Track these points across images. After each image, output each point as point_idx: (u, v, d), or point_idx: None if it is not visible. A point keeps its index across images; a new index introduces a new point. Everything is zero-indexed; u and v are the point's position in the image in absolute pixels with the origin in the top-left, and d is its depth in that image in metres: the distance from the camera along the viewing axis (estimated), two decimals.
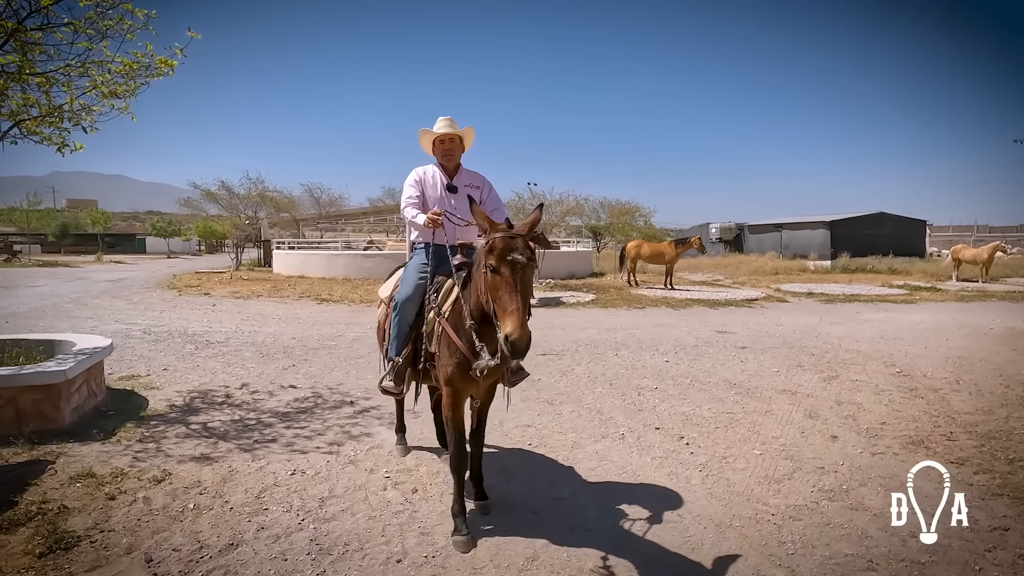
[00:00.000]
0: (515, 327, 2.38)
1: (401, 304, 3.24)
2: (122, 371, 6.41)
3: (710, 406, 5.39)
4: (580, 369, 6.89)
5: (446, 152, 3.47)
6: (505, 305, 2.44)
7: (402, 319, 3.24)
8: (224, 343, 8.23)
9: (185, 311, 11.81)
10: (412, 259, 3.46)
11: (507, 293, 2.46)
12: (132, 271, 24.62)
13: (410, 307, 3.24)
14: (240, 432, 4.50)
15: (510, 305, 2.43)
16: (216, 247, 55.72)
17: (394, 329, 3.28)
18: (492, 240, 2.57)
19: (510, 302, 2.44)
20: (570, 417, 5.07)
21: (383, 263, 19.59)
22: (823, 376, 6.55)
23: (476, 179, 3.55)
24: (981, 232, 46.66)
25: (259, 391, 5.75)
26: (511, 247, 2.53)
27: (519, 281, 2.49)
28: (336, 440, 4.37)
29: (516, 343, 2.36)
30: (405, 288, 3.28)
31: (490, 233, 2.62)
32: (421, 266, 3.34)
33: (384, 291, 3.74)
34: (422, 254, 3.41)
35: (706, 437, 4.54)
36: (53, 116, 4.82)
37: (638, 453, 4.21)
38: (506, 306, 2.44)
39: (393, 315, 3.30)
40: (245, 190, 23.17)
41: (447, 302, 3.06)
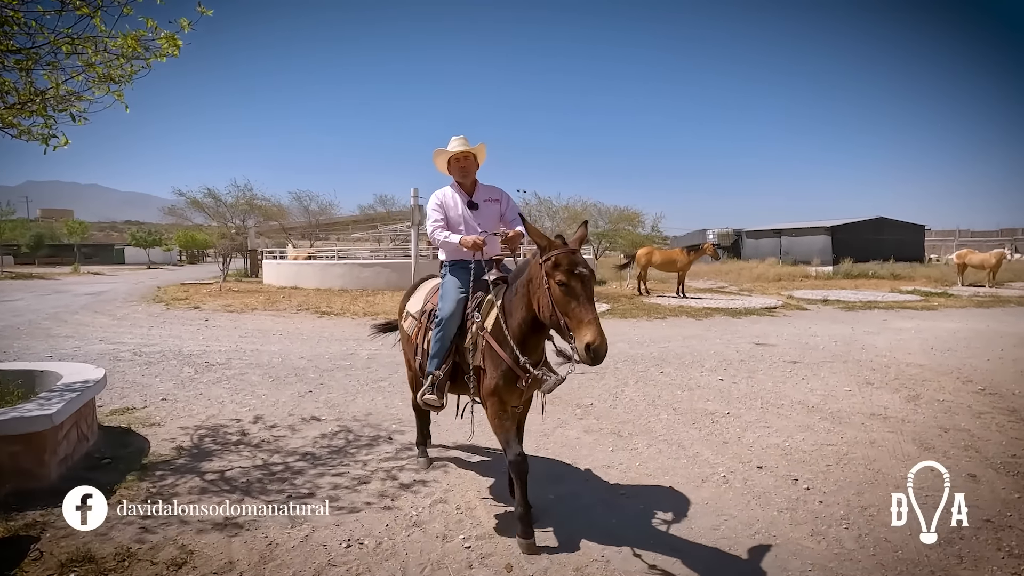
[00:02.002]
0: (596, 335, 2.50)
1: (446, 321, 3.27)
2: (114, 402, 5.54)
3: (802, 436, 4.71)
4: (631, 391, 6.19)
5: (462, 170, 3.55)
6: (581, 316, 2.57)
7: (445, 335, 3.27)
8: (226, 365, 7.37)
9: (176, 327, 10.87)
10: (448, 277, 3.47)
11: (580, 305, 2.60)
12: (112, 283, 23.43)
13: (453, 324, 3.28)
14: (267, 482, 3.70)
15: (587, 315, 2.57)
16: (198, 257, 54.19)
17: (436, 345, 3.30)
18: (556, 256, 2.68)
19: (586, 312, 2.58)
20: (650, 454, 4.35)
21: (382, 273, 18.76)
22: (903, 396, 5.92)
23: (495, 192, 3.64)
24: (963, 236, 47.16)
25: (278, 425, 4.94)
26: (576, 261, 2.67)
27: (588, 292, 2.64)
28: (386, 491, 3.60)
29: (599, 350, 2.50)
30: (447, 305, 3.30)
31: (550, 249, 2.73)
32: (459, 283, 3.37)
33: (414, 306, 3.78)
34: (458, 271, 3.45)
35: (823, 478, 3.85)
36: (35, 103, 4.01)
37: (757, 504, 3.50)
38: (582, 316, 2.57)
39: (436, 332, 3.31)
40: (233, 198, 22.18)
41: (489, 317, 3.11)
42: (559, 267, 2.66)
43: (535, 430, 4.89)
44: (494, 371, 3.00)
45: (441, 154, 3.57)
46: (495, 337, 3.02)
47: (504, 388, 2.99)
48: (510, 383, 2.97)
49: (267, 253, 23.57)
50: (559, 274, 2.64)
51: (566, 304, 2.61)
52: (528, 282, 2.86)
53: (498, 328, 3.01)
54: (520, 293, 2.91)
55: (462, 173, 3.55)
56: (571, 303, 2.60)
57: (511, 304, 2.97)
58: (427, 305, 3.60)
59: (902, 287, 19.28)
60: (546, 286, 2.68)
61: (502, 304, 3.02)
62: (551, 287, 2.66)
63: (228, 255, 21.72)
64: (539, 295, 2.75)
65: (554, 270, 2.67)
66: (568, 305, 2.61)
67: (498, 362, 2.99)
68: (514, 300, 2.95)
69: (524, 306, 2.88)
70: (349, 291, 17.36)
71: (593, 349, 2.49)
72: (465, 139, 3.56)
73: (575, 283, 2.63)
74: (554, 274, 2.66)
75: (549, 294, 2.67)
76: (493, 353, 3.01)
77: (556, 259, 2.68)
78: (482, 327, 3.09)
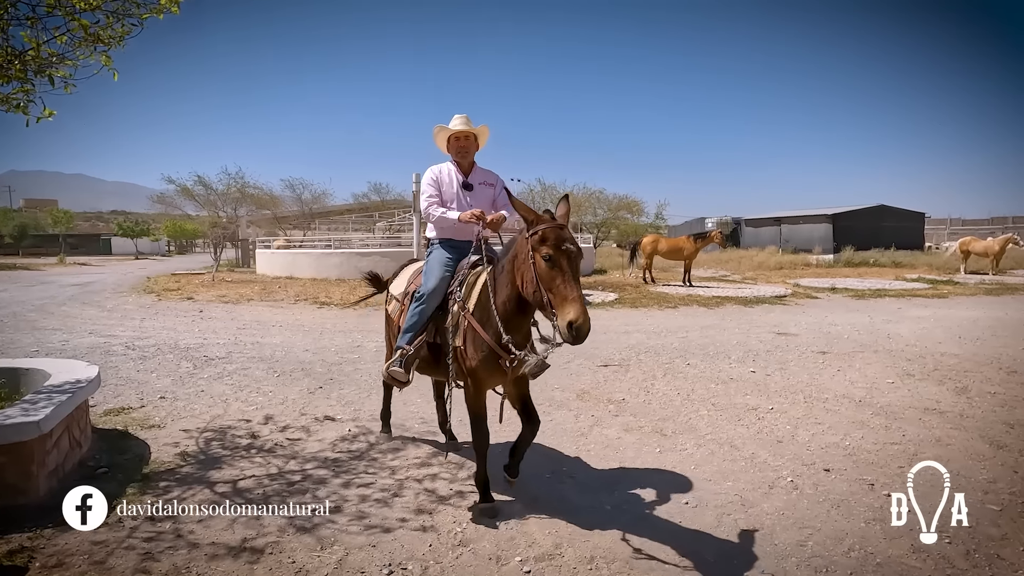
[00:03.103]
0: (579, 313, 2.42)
1: (428, 296, 3.20)
2: (107, 401, 5.09)
3: (860, 434, 4.37)
4: (661, 385, 5.83)
5: (461, 149, 3.47)
6: (565, 293, 2.48)
7: (425, 310, 3.22)
8: (226, 359, 6.92)
9: (170, 319, 10.37)
10: (433, 254, 3.40)
11: (565, 281, 2.51)
12: (100, 274, 22.72)
13: (434, 300, 3.22)
14: (286, 495, 3.29)
15: (571, 292, 2.48)
16: (187, 247, 53.16)
17: (411, 320, 3.24)
18: (543, 230, 2.60)
19: (570, 290, 2.48)
20: (702, 455, 3.99)
21: (380, 262, 18.25)
22: (950, 388, 5.60)
23: (490, 176, 3.57)
24: (955, 225, 47.25)
25: (290, 426, 4.52)
26: (563, 236, 2.59)
27: (574, 269, 2.55)
28: (423, 506, 3.20)
29: (581, 328, 2.41)
30: (430, 281, 3.25)
31: (537, 223, 2.65)
32: (445, 260, 3.33)
33: (397, 288, 3.75)
34: (444, 249, 3.40)
35: (901, 483, 3.49)
36: (12, 67, 3.52)
37: (839, 513, 3.14)
38: (566, 294, 2.48)
39: (414, 306, 3.25)
40: (224, 186, 21.52)
41: (471, 296, 3.05)
42: (546, 241, 2.59)
43: (570, 429, 4.53)
44: (475, 352, 2.96)
45: (442, 131, 3.49)
46: (477, 317, 2.97)
47: (484, 369, 2.96)
48: (491, 364, 2.93)
49: (260, 242, 22.97)
50: (545, 248, 2.57)
51: (550, 280, 2.54)
52: (514, 258, 2.79)
53: (480, 308, 2.97)
54: (507, 270, 2.84)
55: (461, 153, 3.47)
56: (556, 279, 2.53)
57: (497, 282, 2.91)
58: (410, 287, 3.53)
59: (906, 275, 19.10)
60: (531, 261, 2.61)
61: (488, 282, 2.96)
62: (536, 262, 2.59)
63: (220, 244, 21.10)
64: (524, 270, 2.68)
65: (540, 244, 2.59)
66: (552, 281, 2.53)
67: (479, 343, 2.94)
68: (500, 277, 2.89)
69: (509, 283, 2.82)
70: (347, 280, 16.86)
71: (576, 327, 2.41)
72: (467, 118, 3.48)
73: (561, 258, 2.55)
74: (540, 248, 2.59)
75: (534, 269, 2.59)
76: (474, 334, 2.96)
77: (543, 233, 2.61)
78: (463, 307, 3.03)
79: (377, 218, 27.61)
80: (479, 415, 3.11)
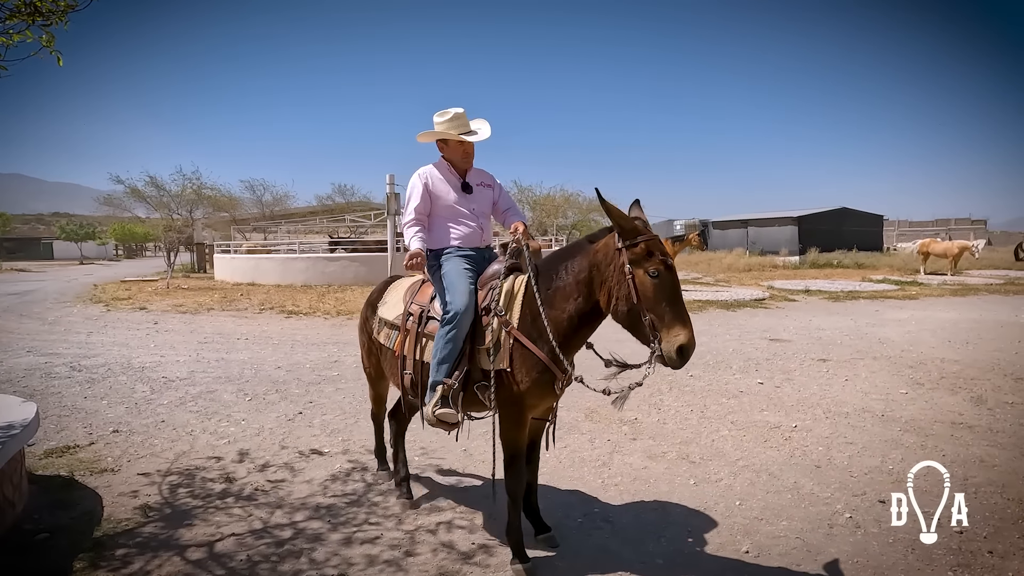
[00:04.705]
0: (689, 336, 2.28)
1: (460, 316, 2.67)
2: (48, 438, 4.37)
3: (898, 455, 4.07)
4: (670, 400, 5.47)
5: (466, 154, 3.01)
6: (677, 313, 2.30)
7: (458, 334, 2.68)
8: (188, 380, 6.20)
9: (121, 332, 9.46)
10: (450, 264, 2.87)
11: (674, 301, 2.32)
12: (41, 281, 21.10)
13: (468, 319, 2.71)
14: (275, 560, 2.73)
15: (682, 314, 2.31)
16: (136, 251, 50.50)
17: (446, 348, 2.68)
18: (647, 242, 2.36)
19: (680, 311, 2.31)
20: (742, 487, 3.60)
21: (349, 267, 17.48)
22: (965, 398, 5.42)
23: (486, 176, 3.16)
24: (903, 227, 49.29)
25: (270, 464, 3.93)
26: (664, 251, 2.37)
27: (679, 288, 2.38)
28: (444, 568, 2.69)
29: (688, 350, 2.28)
30: (459, 298, 2.70)
31: (635, 234, 2.38)
32: (466, 272, 2.82)
33: (391, 311, 3.20)
34: (459, 259, 2.89)
35: (966, 515, 3.19)
36: None
37: (916, 559, 2.78)
38: (679, 314, 2.30)
39: (446, 331, 2.68)
40: (179, 187, 20.22)
41: (513, 309, 2.65)
42: (652, 256, 2.33)
43: (589, 457, 4.10)
44: (527, 373, 2.58)
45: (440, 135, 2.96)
46: (525, 333, 2.60)
47: (537, 392, 2.62)
48: (545, 386, 2.60)
49: (218, 246, 21.75)
50: (652, 264, 2.32)
51: (656, 299, 2.30)
52: (593, 268, 2.49)
53: (527, 322, 2.62)
54: (576, 280, 2.53)
55: (464, 157, 3.01)
56: (663, 299, 2.30)
57: (557, 293, 2.57)
58: (412, 307, 3.04)
59: (871, 276, 19.56)
60: (630, 276, 2.34)
61: (540, 293, 2.60)
62: (639, 278, 2.33)
63: (174, 249, 19.83)
64: (614, 285, 2.40)
65: (646, 258, 2.33)
66: (658, 301, 2.30)
67: (532, 362, 2.58)
68: (562, 288, 2.56)
69: (582, 296, 2.51)
70: (314, 287, 16.05)
71: (687, 352, 2.27)
72: (464, 115, 2.99)
73: (668, 276, 2.33)
74: (644, 263, 2.33)
75: (634, 286, 2.32)
76: (524, 352, 2.58)
77: (647, 246, 2.34)
78: (507, 322, 2.62)
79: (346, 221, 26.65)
80: (519, 451, 2.70)
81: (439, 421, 2.72)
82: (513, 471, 2.70)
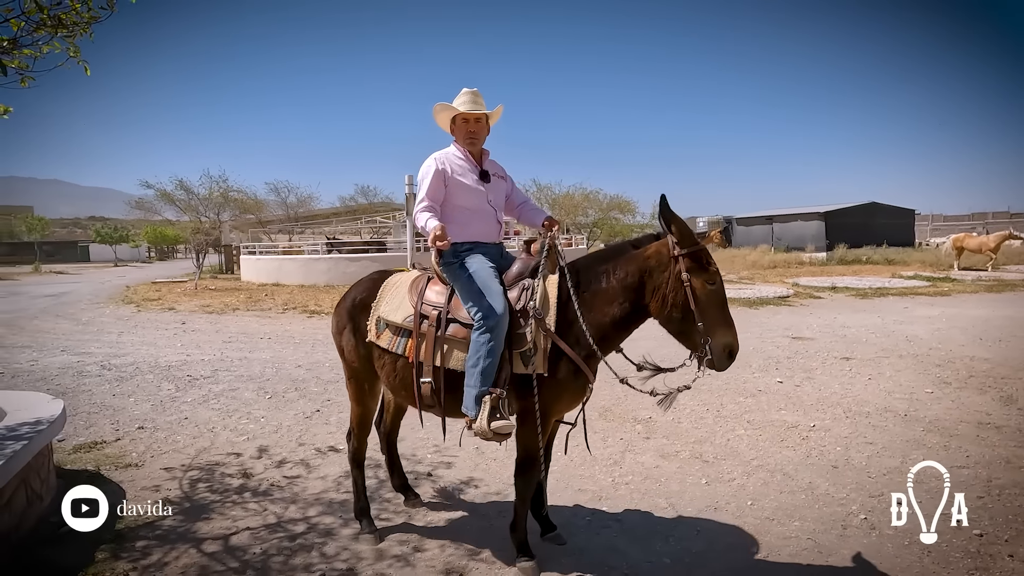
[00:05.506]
0: (735, 338, 2.42)
1: (500, 321, 2.53)
2: (78, 434, 4.54)
3: (919, 455, 3.95)
4: (686, 399, 5.38)
5: (471, 135, 2.84)
6: (726, 318, 2.43)
7: (498, 340, 2.54)
8: (212, 378, 6.37)
9: (150, 332, 9.75)
10: (476, 263, 2.70)
11: (724, 307, 2.45)
12: (76, 283, 21.85)
13: (505, 323, 2.57)
14: (288, 553, 2.80)
15: (730, 318, 2.45)
16: (168, 253, 51.94)
17: (488, 357, 2.52)
18: (704, 254, 2.45)
19: (729, 315, 2.45)
20: (755, 487, 3.56)
21: (371, 267, 17.71)
22: (995, 398, 5.25)
23: (499, 168, 3.01)
24: (936, 221, 47.73)
25: (287, 460, 4.02)
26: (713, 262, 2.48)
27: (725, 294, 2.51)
28: (451, 564, 2.71)
29: (736, 353, 2.42)
30: (496, 299, 2.56)
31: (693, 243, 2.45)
32: (494, 272, 2.69)
33: (394, 312, 2.81)
34: (484, 257, 2.75)
35: (988, 520, 3.08)
36: None
37: (933, 562, 2.71)
38: (727, 319, 2.44)
39: (483, 338, 2.51)
40: (206, 190, 20.76)
41: (549, 310, 2.58)
42: (710, 266, 2.43)
43: (601, 456, 4.08)
44: (565, 376, 2.56)
45: (445, 110, 2.84)
46: (562, 335, 2.57)
47: (568, 398, 2.65)
48: (578, 391, 2.64)
49: (245, 248, 22.24)
50: (709, 275, 2.42)
51: (710, 307, 2.40)
52: (644, 273, 2.52)
53: (561, 323, 2.58)
54: (623, 285, 2.55)
55: (470, 139, 2.84)
56: (715, 307, 2.41)
57: (598, 296, 2.58)
58: (424, 307, 2.74)
59: (902, 272, 19.00)
60: (687, 284, 2.40)
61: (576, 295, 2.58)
62: (696, 286, 2.40)
63: (203, 251, 20.36)
64: (668, 291, 2.45)
65: (704, 269, 2.42)
66: (711, 308, 2.40)
67: (570, 366, 2.56)
68: (605, 291, 2.57)
69: (628, 301, 2.54)
70: (336, 287, 16.29)
71: (735, 354, 2.42)
72: (478, 94, 2.85)
73: (721, 286, 2.46)
74: (702, 273, 2.42)
75: (691, 294, 2.40)
76: (563, 355, 2.55)
77: (706, 257, 2.43)
78: (544, 324, 2.56)
79: (361, 223, 27.00)
80: (536, 454, 2.67)
81: (495, 434, 2.50)
82: (528, 474, 2.68)
